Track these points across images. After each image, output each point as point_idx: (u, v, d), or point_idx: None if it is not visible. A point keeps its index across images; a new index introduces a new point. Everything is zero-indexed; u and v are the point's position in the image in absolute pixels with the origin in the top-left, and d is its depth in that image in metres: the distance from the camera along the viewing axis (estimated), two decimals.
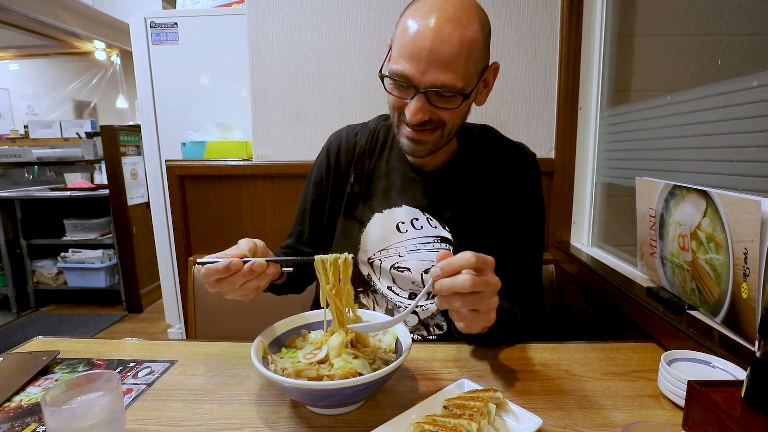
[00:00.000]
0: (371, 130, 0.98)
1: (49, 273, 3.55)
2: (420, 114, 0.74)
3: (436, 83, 0.72)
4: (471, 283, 0.56)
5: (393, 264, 0.91)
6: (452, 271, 0.58)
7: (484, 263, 0.58)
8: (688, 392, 0.56)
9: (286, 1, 1.45)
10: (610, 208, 1.40)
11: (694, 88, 0.96)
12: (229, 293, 0.69)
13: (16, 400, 0.66)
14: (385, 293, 0.92)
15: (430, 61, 0.71)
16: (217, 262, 0.66)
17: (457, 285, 0.57)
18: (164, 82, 1.81)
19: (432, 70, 0.71)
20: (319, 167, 0.99)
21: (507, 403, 0.60)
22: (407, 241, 0.90)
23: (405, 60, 0.72)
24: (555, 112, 1.44)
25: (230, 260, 0.66)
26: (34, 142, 4.49)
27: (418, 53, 0.71)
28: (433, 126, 0.78)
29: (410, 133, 0.79)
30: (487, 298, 0.59)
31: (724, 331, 0.74)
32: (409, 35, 0.72)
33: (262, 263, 0.67)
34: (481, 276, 0.57)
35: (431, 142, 0.80)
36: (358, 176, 0.95)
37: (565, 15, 1.37)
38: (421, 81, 0.72)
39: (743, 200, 0.67)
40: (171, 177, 1.57)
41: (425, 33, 0.70)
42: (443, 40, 0.70)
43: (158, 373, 0.74)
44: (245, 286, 0.69)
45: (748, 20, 1.04)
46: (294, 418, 0.62)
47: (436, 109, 0.76)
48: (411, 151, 0.82)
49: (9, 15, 3.69)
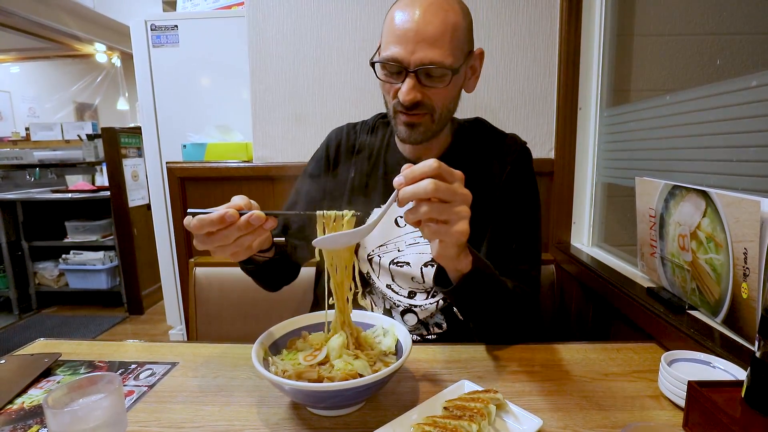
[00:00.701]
0: (369, 127, 1.01)
1: (51, 275, 3.56)
2: (412, 93, 0.78)
3: (424, 60, 0.76)
4: (433, 186, 0.56)
5: (392, 259, 0.92)
6: (414, 178, 0.57)
7: (449, 174, 0.59)
8: (688, 393, 0.57)
9: (286, 4, 1.46)
10: (611, 208, 1.40)
11: (693, 87, 0.96)
12: (220, 250, 0.65)
13: (18, 402, 0.67)
14: (384, 291, 0.92)
15: (417, 41, 0.75)
16: (211, 212, 0.62)
17: (419, 190, 0.56)
18: (165, 84, 1.81)
19: (419, 50, 0.75)
20: (318, 162, 1.01)
21: (507, 404, 0.60)
22: (406, 235, 0.92)
23: (393, 44, 0.77)
24: (555, 112, 1.44)
25: (226, 210, 0.62)
26: (35, 144, 4.50)
27: (404, 35, 0.76)
28: (425, 110, 0.81)
29: (405, 118, 0.82)
30: (456, 206, 0.59)
31: (724, 331, 0.74)
32: (396, 23, 0.77)
33: (260, 215, 0.63)
34: (447, 184, 0.58)
35: (424, 125, 0.83)
36: (358, 172, 0.97)
37: (564, 15, 1.37)
38: (410, 61, 0.76)
39: (742, 200, 0.67)
40: (172, 179, 1.58)
41: (410, 17, 0.76)
42: (428, 21, 0.75)
43: (159, 375, 0.74)
44: (239, 242, 0.64)
45: (746, 20, 1.05)
46: (294, 419, 0.62)
47: (427, 89, 0.79)
48: (407, 136, 0.84)
49: (10, 18, 3.70)
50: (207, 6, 1.90)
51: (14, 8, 3.57)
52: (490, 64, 1.43)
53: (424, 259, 0.90)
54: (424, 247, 0.90)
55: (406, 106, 0.80)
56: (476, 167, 0.90)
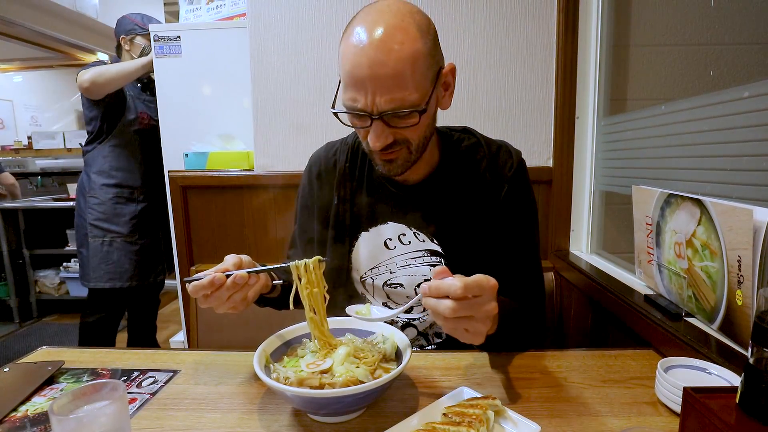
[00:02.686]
0: (350, 147, 0.95)
1: (52, 283, 3.56)
2: (382, 139, 0.73)
3: (386, 107, 0.70)
4: (451, 312, 0.56)
5: (385, 281, 0.90)
6: (438, 295, 0.58)
7: (478, 289, 0.57)
8: (683, 399, 0.57)
9: (287, 15, 1.48)
10: (609, 216, 1.41)
11: (687, 97, 0.98)
12: (219, 307, 0.72)
13: (22, 410, 0.67)
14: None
15: (375, 87, 0.69)
16: (202, 278, 0.69)
17: (439, 309, 0.57)
18: (167, 93, 1.83)
19: (379, 95, 0.69)
20: (303, 190, 0.99)
21: (506, 411, 0.61)
22: (397, 257, 0.89)
23: (351, 90, 0.71)
24: (552, 122, 1.46)
25: (213, 276, 0.69)
26: (37, 152, 4.52)
27: (361, 82, 0.69)
28: (399, 146, 0.77)
29: (380, 156, 0.79)
30: (476, 322, 0.58)
31: (720, 338, 0.75)
32: (348, 65, 0.70)
33: (243, 275, 0.70)
34: (470, 301, 0.57)
35: (401, 159, 0.79)
36: (342, 197, 0.92)
37: (561, 26, 1.39)
38: (373, 107, 0.70)
39: (736, 209, 0.68)
40: (174, 187, 1.59)
41: (361, 60, 0.68)
42: (381, 63, 0.67)
43: (161, 382, 0.75)
44: (232, 299, 0.71)
45: (738, 31, 1.07)
46: (296, 426, 0.62)
47: (397, 130, 0.74)
48: (387, 171, 0.81)
49: (14, 28, 3.74)
50: (209, 17, 1.93)
51: (18, 18, 3.61)
52: (489, 73, 1.45)
53: (417, 280, 0.88)
54: (417, 268, 0.88)
55: (378, 150, 0.76)
56: (471, 185, 0.87)
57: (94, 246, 2.05)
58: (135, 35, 2.09)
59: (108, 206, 2.06)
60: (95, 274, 2.04)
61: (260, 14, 1.49)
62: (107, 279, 2.05)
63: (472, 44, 1.44)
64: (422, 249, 0.88)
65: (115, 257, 2.05)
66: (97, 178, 2.06)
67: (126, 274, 2.07)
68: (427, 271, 0.88)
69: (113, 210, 2.06)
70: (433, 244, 0.88)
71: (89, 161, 2.09)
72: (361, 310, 0.74)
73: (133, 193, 2.11)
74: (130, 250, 2.09)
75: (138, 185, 2.12)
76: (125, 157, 2.09)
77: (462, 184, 0.88)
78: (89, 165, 2.09)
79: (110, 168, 2.07)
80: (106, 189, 2.06)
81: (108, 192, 2.06)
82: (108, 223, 2.05)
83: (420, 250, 0.88)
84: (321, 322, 0.72)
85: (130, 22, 2.10)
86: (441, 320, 0.59)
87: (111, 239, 2.05)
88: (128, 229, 2.08)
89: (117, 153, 2.08)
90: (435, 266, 0.85)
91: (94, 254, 2.04)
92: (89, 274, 2.05)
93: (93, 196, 2.06)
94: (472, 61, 1.45)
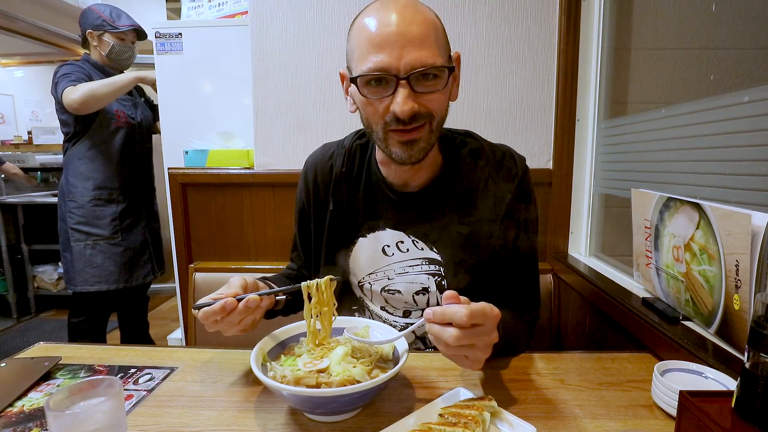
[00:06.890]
0: (347, 150, 0.92)
1: (50, 278, 3.56)
2: (409, 103, 0.70)
3: (416, 64, 0.68)
4: (454, 340, 0.56)
5: (383, 287, 0.90)
6: (443, 321, 0.58)
7: (482, 318, 0.57)
8: (679, 402, 0.57)
9: (289, 13, 1.48)
10: (608, 219, 1.41)
11: (688, 101, 0.98)
12: (228, 331, 0.71)
13: (19, 405, 0.67)
14: (379, 314, 0.92)
15: (403, 45, 0.68)
16: (213, 304, 0.67)
17: (443, 337, 0.57)
18: (168, 90, 1.83)
19: (407, 53, 0.68)
20: (300, 195, 0.97)
21: (502, 412, 0.61)
22: (395, 264, 0.88)
23: (375, 53, 0.69)
24: (553, 124, 1.46)
25: (225, 301, 0.67)
26: (37, 148, 4.51)
27: (387, 40, 0.68)
28: (423, 120, 0.73)
29: (401, 136, 0.74)
30: (477, 350, 0.58)
31: (717, 342, 0.75)
32: (372, 30, 0.69)
33: (255, 299, 0.69)
34: (473, 330, 0.57)
35: (424, 139, 0.75)
36: (338, 202, 0.90)
37: (562, 28, 1.39)
38: (400, 66, 0.68)
39: (734, 213, 0.68)
40: (173, 184, 1.59)
41: (388, 20, 0.69)
42: (409, 21, 0.68)
43: (158, 379, 0.75)
44: (243, 322, 0.71)
45: (739, 35, 1.07)
46: (292, 425, 0.63)
47: (422, 96, 0.71)
48: (407, 156, 0.76)
49: (15, 23, 3.73)
50: (211, 15, 1.92)
51: (19, 13, 3.60)
52: (490, 75, 1.45)
53: (415, 288, 0.87)
54: (415, 276, 0.87)
55: (404, 120, 0.71)
56: (473, 194, 0.85)
57: (77, 250, 2.01)
58: (104, 32, 2.01)
59: (87, 209, 2.02)
60: (80, 278, 2.01)
61: (262, 12, 1.49)
62: (93, 282, 2.01)
63: (473, 46, 1.44)
64: (420, 257, 0.87)
65: (99, 260, 2.02)
66: (75, 181, 2.02)
67: (112, 277, 2.03)
68: (425, 280, 0.87)
69: (93, 212, 2.02)
70: (432, 252, 0.87)
71: (66, 163, 2.05)
72: (360, 332, 0.73)
73: (112, 193, 2.06)
74: (114, 252, 2.04)
75: (116, 186, 2.07)
76: (101, 157, 2.04)
77: (463, 193, 0.86)
78: (66, 167, 2.05)
79: (87, 170, 2.02)
80: (84, 192, 2.02)
81: (86, 195, 2.02)
82: (89, 226, 2.02)
83: (418, 258, 0.87)
84: (324, 338, 0.72)
85: (97, 16, 2.00)
86: (443, 347, 0.59)
87: (94, 242, 2.01)
88: (110, 231, 2.04)
89: (93, 154, 2.03)
90: (433, 275, 0.87)
91: (78, 258, 2.01)
92: (75, 278, 2.02)
93: (72, 200, 2.02)
94: (474, 63, 1.45)
